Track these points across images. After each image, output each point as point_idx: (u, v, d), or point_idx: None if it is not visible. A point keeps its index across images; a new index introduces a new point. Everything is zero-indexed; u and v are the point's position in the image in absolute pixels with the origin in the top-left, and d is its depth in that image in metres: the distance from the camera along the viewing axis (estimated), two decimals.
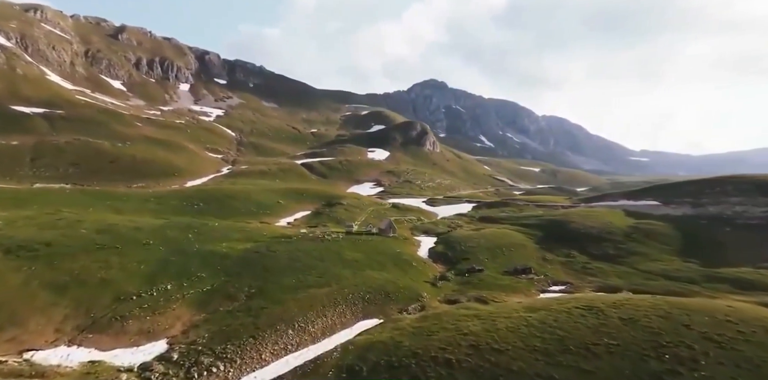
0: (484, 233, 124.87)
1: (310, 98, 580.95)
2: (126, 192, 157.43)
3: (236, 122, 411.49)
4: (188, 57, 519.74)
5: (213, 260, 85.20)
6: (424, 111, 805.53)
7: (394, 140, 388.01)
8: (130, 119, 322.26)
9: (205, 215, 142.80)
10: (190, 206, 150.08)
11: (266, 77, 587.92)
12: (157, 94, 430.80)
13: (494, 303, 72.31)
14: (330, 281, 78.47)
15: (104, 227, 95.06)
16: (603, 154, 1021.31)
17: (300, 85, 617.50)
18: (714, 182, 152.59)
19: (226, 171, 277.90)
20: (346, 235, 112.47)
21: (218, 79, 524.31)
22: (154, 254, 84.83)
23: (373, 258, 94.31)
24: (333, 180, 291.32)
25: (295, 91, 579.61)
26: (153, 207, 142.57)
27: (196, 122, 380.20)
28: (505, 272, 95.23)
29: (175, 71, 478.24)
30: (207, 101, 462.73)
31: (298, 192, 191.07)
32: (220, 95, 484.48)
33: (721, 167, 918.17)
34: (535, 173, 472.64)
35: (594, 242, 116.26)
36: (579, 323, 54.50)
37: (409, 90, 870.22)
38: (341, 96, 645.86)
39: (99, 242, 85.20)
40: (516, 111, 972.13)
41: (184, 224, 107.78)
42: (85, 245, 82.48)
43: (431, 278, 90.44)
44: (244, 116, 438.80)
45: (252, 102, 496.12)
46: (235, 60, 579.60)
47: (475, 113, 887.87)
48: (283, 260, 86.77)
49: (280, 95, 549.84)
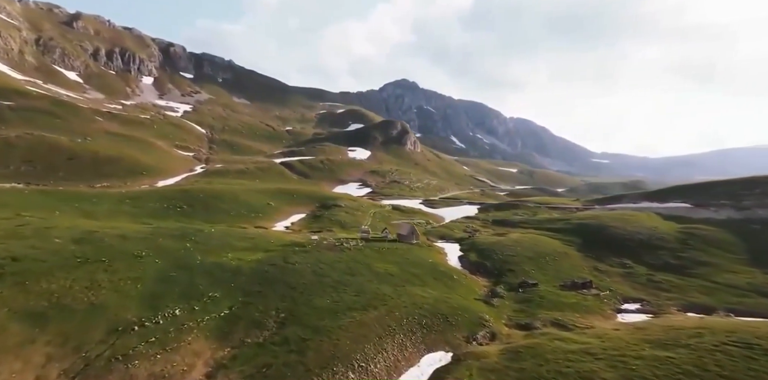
0: (513, 239, 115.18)
1: (282, 94, 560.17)
2: (96, 193, 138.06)
3: (206, 118, 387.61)
4: (151, 49, 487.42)
5: (223, 276, 71.03)
6: (397, 111, 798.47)
7: (374, 139, 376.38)
8: (89, 112, 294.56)
9: (192, 219, 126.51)
10: (173, 208, 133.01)
11: (236, 72, 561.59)
12: (118, 87, 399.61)
13: (578, 328, 61.91)
14: (372, 301, 65.95)
15: (82, 236, 78.56)
16: (567, 155, 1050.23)
17: (271, 81, 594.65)
18: (750, 183, 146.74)
19: (200, 170, 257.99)
20: (365, 243, 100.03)
21: (185, 73, 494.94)
22: (151, 269, 69.76)
23: (408, 271, 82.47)
24: (315, 180, 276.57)
25: (267, 88, 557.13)
26: (129, 210, 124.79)
27: (163, 117, 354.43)
28: (561, 286, 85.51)
29: (137, 63, 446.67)
30: (173, 96, 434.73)
31: (288, 193, 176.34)
32: (187, 89, 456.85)
33: (677, 169, 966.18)
34: (512, 174, 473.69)
35: (646, 249, 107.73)
36: (756, 370, 42.06)
37: (381, 89, 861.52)
38: (314, 94, 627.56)
39: (79, 254, 69.19)
40: (485, 112, 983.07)
41: (176, 231, 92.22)
42: (62, 259, 66.43)
43: (482, 295, 79.73)
44: (214, 112, 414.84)
45: (222, 98, 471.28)
46: (202, 53, 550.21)
47: (445, 114, 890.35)
48: (307, 275, 73.57)
49: (250, 91, 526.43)
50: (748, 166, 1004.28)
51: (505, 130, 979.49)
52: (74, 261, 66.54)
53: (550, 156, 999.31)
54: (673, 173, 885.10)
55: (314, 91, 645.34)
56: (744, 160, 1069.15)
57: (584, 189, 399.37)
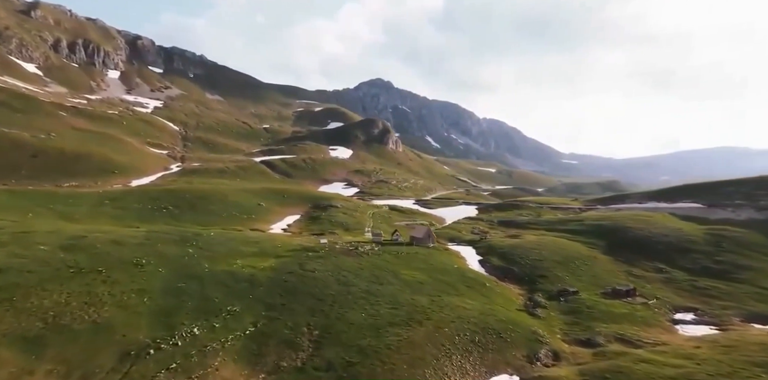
0: (532, 242, 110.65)
1: (256, 91, 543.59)
2: (70, 193, 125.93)
3: (178, 115, 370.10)
4: (117, 41, 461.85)
5: (239, 287, 63.65)
6: (373, 110, 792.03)
7: (355, 137, 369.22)
8: (52, 107, 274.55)
9: (182, 221, 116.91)
10: (158, 210, 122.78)
11: (208, 67, 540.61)
12: (82, 80, 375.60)
13: (647, 344, 57.49)
14: (413, 314, 59.99)
15: (70, 242, 69.24)
16: (537, 156, 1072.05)
17: (245, 77, 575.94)
18: (764, 183, 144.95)
19: (177, 169, 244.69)
20: (380, 246, 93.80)
21: (153, 68, 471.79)
22: (155, 279, 61.65)
23: (437, 278, 76.99)
24: (298, 179, 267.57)
25: (240, 84, 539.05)
26: (111, 212, 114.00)
27: (132, 113, 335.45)
28: (603, 294, 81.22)
29: (102, 56, 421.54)
30: (142, 91, 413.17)
31: (277, 193, 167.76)
32: (156, 84, 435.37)
33: (640, 170, 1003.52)
34: (491, 174, 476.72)
35: (679, 252, 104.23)
36: None
37: (356, 88, 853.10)
38: (289, 91, 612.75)
39: (71, 263, 60.40)
40: (459, 113, 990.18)
41: (174, 235, 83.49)
42: (52, 269, 57.58)
43: (522, 305, 75.11)
44: (187, 108, 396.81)
45: (194, 93, 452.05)
46: (172, 47, 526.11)
47: (420, 114, 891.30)
48: (332, 285, 67.04)
49: (223, 87, 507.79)
50: (706, 167, 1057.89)
51: (479, 130, 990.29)
52: (67, 272, 57.72)
53: (522, 157, 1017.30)
54: (637, 173, 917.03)
55: (289, 88, 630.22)
56: (701, 161, 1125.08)
57: (562, 189, 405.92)
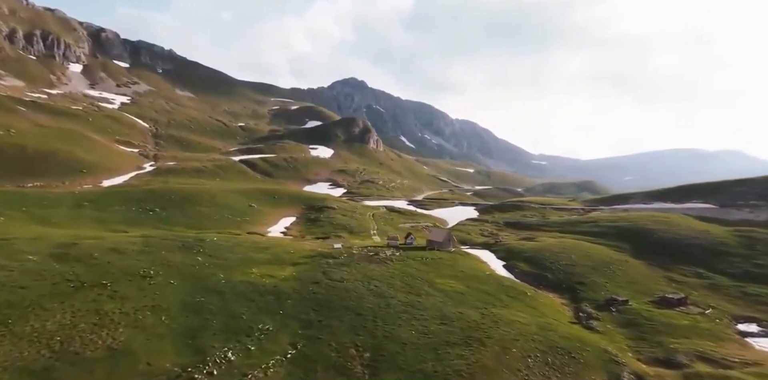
0: (555, 245, 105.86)
1: (228, 88, 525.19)
2: (42, 194, 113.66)
3: (148, 112, 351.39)
4: (79, 33, 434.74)
5: (264, 300, 56.69)
6: (347, 109, 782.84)
7: (335, 137, 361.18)
8: (9, 102, 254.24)
9: (173, 224, 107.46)
10: (144, 212, 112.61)
11: (177, 63, 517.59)
12: (41, 74, 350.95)
13: (735, 363, 53.47)
14: (469, 331, 53.94)
15: (60, 250, 60.28)
16: (508, 157, 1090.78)
17: (216, 73, 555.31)
18: (763, 183, 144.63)
19: (151, 168, 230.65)
20: (401, 251, 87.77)
21: (119, 62, 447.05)
22: (169, 293, 53.95)
23: (475, 287, 71.36)
24: (280, 179, 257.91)
25: (212, 80, 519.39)
26: (93, 215, 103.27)
27: (98, 109, 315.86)
28: (652, 302, 77.00)
29: (63, 49, 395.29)
30: (107, 86, 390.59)
31: (267, 193, 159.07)
32: (123, 79, 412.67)
33: (605, 170, 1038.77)
34: (469, 174, 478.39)
35: (714, 256, 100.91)
36: None
37: (330, 87, 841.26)
38: (263, 88, 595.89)
39: (70, 276, 52.04)
40: (432, 113, 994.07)
41: (175, 241, 75.17)
42: (49, 284, 49.24)
43: (573, 317, 69.82)
44: (157, 104, 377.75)
45: (163, 89, 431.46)
46: (139, 41, 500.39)
47: (394, 114, 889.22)
48: (366, 296, 60.73)
49: (194, 84, 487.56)
50: (665, 168, 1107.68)
51: (452, 131, 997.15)
52: (66, 286, 49.28)
53: (494, 157, 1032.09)
54: (603, 174, 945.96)
55: (263, 86, 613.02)
56: (661, 163, 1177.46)
57: (539, 189, 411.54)
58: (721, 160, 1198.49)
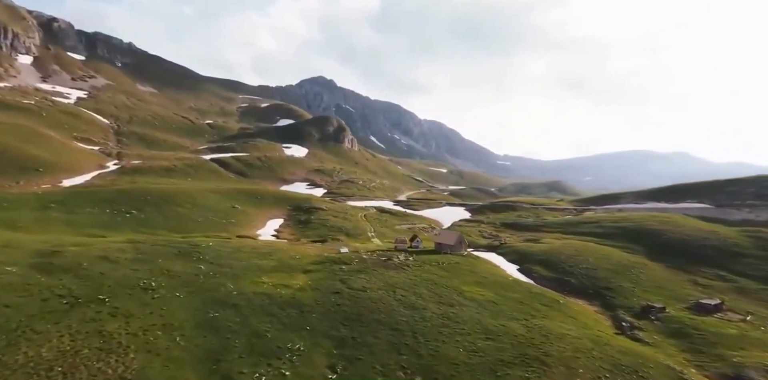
0: (565, 247, 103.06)
1: (193, 84, 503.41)
2: (2, 195, 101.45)
3: (108, 107, 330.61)
4: (28, 22, 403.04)
5: (286, 314, 50.89)
6: (317, 108, 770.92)
7: (310, 135, 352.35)
8: None
9: (154, 227, 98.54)
10: (119, 214, 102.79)
11: (138, 56, 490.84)
12: None
13: None
14: (520, 348, 49.61)
15: (42, 260, 52.22)
16: (474, 157, 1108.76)
17: (180, 69, 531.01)
18: (757, 182, 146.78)
19: (115, 167, 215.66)
20: (414, 255, 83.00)
21: (74, 54, 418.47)
22: (178, 308, 47.38)
23: (504, 295, 67.45)
24: (255, 179, 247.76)
25: (176, 76, 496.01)
26: (63, 217, 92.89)
27: (52, 104, 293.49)
28: (688, 309, 74.39)
29: (11, 39, 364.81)
30: (61, 79, 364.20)
31: (249, 194, 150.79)
32: (78, 73, 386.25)
33: (566, 171, 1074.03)
34: (443, 174, 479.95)
35: (730, 257, 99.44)
36: None
37: (299, 85, 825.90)
38: (230, 85, 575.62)
39: (61, 291, 44.68)
40: (401, 114, 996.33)
41: (169, 247, 67.76)
42: (37, 301, 41.87)
43: (614, 326, 66.22)
44: (117, 100, 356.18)
45: (123, 84, 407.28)
46: (95, 32, 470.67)
47: (364, 113, 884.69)
48: (396, 308, 55.62)
49: (157, 79, 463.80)
50: (620, 169, 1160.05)
51: (420, 131, 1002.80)
52: (58, 303, 41.84)
53: (460, 158, 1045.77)
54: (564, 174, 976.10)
55: (229, 82, 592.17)
56: (615, 163, 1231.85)
57: (512, 189, 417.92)
58: (671, 161, 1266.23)
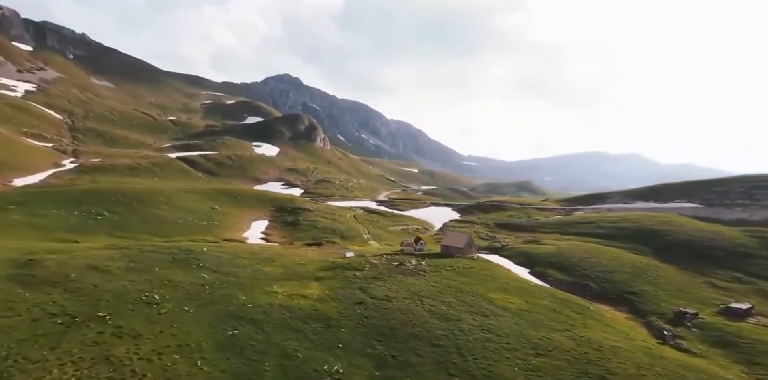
0: (570, 248, 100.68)
1: (153, 79, 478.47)
2: None
3: (60, 102, 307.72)
4: None
5: (312, 329, 45.59)
6: (283, 106, 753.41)
7: (280, 134, 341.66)
8: None
9: (132, 231, 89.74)
10: (90, 216, 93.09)
11: (92, 48, 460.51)
12: None
13: None
14: (578, 364, 45.73)
15: (21, 270, 44.69)
16: (440, 157, 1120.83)
17: (139, 62, 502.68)
18: (753, 182, 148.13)
19: (72, 165, 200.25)
20: (426, 259, 78.69)
21: (20, 44, 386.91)
22: (190, 324, 41.39)
23: (535, 303, 63.86)
24: (226, 178, 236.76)
25: (134, 70, 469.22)
26: (26, 220, 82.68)
27: None
28: (719, 314, 72.74)
29: None
30: (6, 71, 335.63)
31: (228, 194, 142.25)
32: (26, 64, 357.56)
33: (528, 171, 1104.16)
34: (414, 174, 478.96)
35: (741, 258, 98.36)
36: None
37: (264, 82, 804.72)
38: (193, 81, 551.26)
39: (51, 309, 37.98)
40: (368, 114, 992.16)
41: (161, 253, 60.63)
42: (28, 321, 34.96)
43: (653, 335, 63.50)
44: (70, 94, 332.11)
45: (76, 77, 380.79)
46: (44, 22, 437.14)
47: (331, 113, 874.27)
48: (429, 319, 50.58)
49: (113, 72, 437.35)
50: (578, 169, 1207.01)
51: (388, 131, 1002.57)
52: (51, 324, 35.03)
53: (427, 158, 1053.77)
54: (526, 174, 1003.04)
55: (191, 77, 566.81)
56: (573, 164, 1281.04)
57: (482, 189, 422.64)
58: (624, 163, 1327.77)
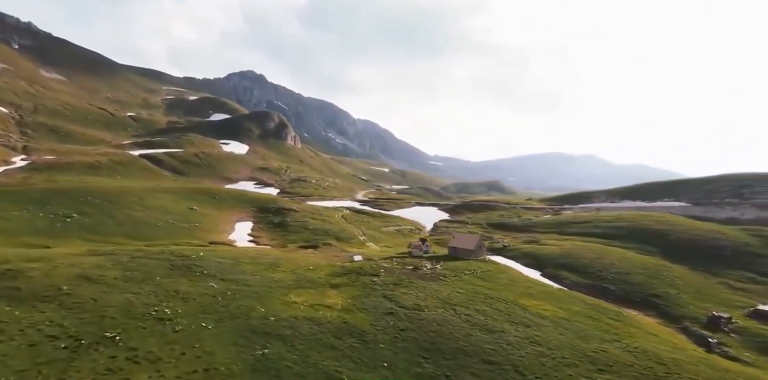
0: (576, 249, 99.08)
1: (110, 72, 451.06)
2: None
3: (5, 94, 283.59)
4: None
5: (348, 345, 40.76)
6: (248, 104, 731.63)
7: (249, 131, 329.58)
8: None
9: (107, 234, 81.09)
10: (58, 218, 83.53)
11: (40, 38, 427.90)
12: None
13: None
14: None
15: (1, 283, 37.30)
16: (408, 157, 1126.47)
17: (93, 55, 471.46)
18: (738, 181, 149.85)
19: (24, 163, 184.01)
20: (440, 262, 74.61)
21: None
22: (212, 344, 35.94)
23: (567, 309, 60.61)
24: (195, 178, 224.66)
25: (88, 63, 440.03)
26: None
27: None
28: (750, 317, 71.61)
29: None
30: None
31: (203, 193, 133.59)
32: None
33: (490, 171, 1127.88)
34: (385, 173, 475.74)
35: (748, 258, 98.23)
36: None
37: (227, 78, 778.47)
38: (152, 75, 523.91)
39: (50, 330, 31.74)
40: (335, 113, 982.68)
41: (157, 259, 53.92)
42: (26, 346, 28.39)
43: (697, 342, 61.53)
44: (16, 86, 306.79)
45: (23, 70, 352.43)
46: None
47: (297, 111, 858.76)
48: (471, 331, 45.99)
49: (65, 65, 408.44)
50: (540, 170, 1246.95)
51: (355, 131, 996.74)
52: (54, 349, 28.81)
53: (394, 158, 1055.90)
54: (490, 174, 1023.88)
55: (151, 72, 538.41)
56: (535, 164, 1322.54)
57: (453, 189, 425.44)
58: (581, 163, 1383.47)
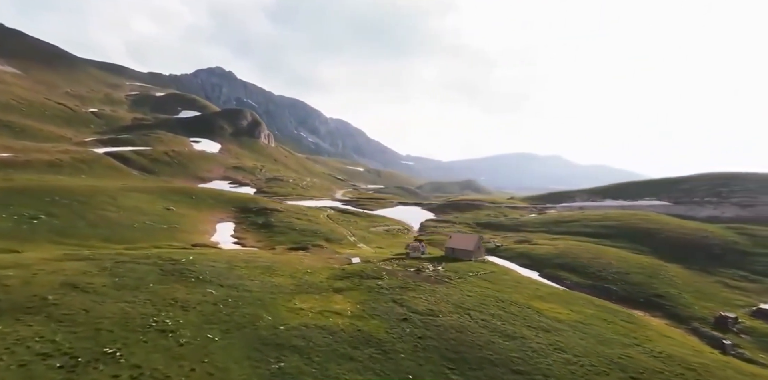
0: (571, 248, 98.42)
1: (69, 66, 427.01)
2: None
3: None
4: None
5: (368, 356, 37.89)
6: (216, 101, 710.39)
7: (221, 129, 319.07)
8: None
9: (80, 237, 74.73)
10: (24, 219, 76.40)
11: None
12: None
13: None
14: None
15: None
16: (380, 157, 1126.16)
17: (50, 47, 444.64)
18: (715, 180, 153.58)
19: None
20: (442, 264, 71.99)
21: None
22: (223, 359, 32.46)
23: (579, 312, 58.81)
24: (165, 177, 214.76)
25: (44, 55, 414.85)
26: None
27: None
28: (754, 316, 71.32)
29: None
30: None
31: (179, 193, 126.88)
32: None
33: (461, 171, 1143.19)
34: (360, 173, 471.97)
35: (738, 255, 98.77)
36: None
37: (194, 75, 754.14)
38: (115, 70, 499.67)
39: (40, 347, 27.10)
40: (307, 111, 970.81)
41: (145, 263, 49.22)
42: (16, 367, 24.13)
43: (711, 344, 60.31)
44: None
45: None
46: None
47: (268, 109, 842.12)
48: (492, 339, 43.12)
49: (18, 57, 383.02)
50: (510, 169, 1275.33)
51: (327, 130, 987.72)
52: (47, 369, 24.76)
53: (367, 157, 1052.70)
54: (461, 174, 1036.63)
55: (113, 66, 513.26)
56: (503, 164, 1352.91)
57: (429, 187, 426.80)
58: (548, 163, 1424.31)
